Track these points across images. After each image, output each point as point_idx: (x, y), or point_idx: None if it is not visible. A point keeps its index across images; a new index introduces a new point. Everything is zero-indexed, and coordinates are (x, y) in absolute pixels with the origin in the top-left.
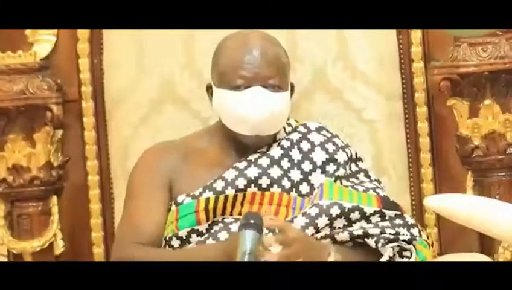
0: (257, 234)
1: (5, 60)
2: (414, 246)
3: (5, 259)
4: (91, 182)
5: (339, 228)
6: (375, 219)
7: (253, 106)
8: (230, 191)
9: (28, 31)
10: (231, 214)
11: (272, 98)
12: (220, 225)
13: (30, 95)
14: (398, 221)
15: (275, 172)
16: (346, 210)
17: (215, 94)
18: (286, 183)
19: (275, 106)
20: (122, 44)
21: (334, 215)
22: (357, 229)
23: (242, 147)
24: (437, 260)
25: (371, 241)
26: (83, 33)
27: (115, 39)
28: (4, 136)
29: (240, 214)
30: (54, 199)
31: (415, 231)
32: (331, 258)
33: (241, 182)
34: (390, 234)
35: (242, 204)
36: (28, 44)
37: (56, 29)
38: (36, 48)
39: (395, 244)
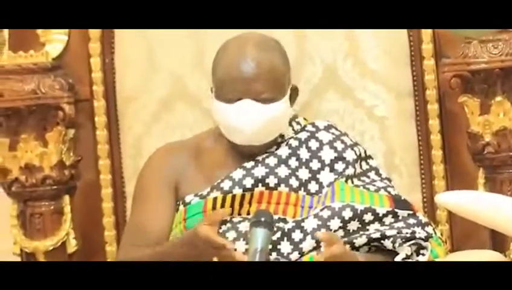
0: (268, 232)
1: (16, 60)
2: (430, 244)
3: (18, 258)
4: (103, 181)
5: (353, 231)
6: (389, 219)
7: (243, 119)
8: (237, 191)
9: (39, 31)
10: (239, 214)
11: (263, 110)
12: (228, 224)
13: (42, 95)
14: (411, 220)
15: (283, 171)
16: (359, 212)
17: (213, 103)
18: (294, 182)
19: (266, 118)
20: (133, 43)
21: (346, 218)
22: (374, 233)
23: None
24: (448, 257)
25: (387, 243)
26: (95, 32)
27: (126, 38)
28: (16, 135)
29: (248, 213)
30: (67, 198)
31: (429, 229)
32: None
33: (248, 182)
34: (407, 233)
35: (250, 203)
36: (40, 44)
37: (67, 29)
38: (48, 48)
39: (412, 242)
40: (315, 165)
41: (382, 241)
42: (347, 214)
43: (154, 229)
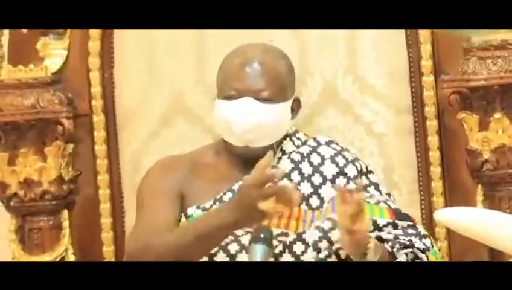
0: (267, 248)
1: (16, 74)
2: (427, 257)
3: None
4: (102, 196)
5: None
6: (388, 229)
7: (238, 116)
8: None
9: (39, 46)
10: None
11: (260, 109)
12: (230, 237)
13: (41, 109)
14: (411, 231)
15: None
16: None
17: (215, 104)
18: None
19: (262, 117)
20: (133, 58)
21: None
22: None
23: (251, 160)
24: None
25: (386, 246)
26: (94, 47)
27: (126, 53)
28: (15, 150)
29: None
30: (65, 213)
31: (427, 242)
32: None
33: None
34: (404, 240)
35: None
36: (39, 58)
37: (67, 44)
38: (47, 62)
39: (409, 250)
40: (317, 179)
41: (381, 243)
42: None
43: (162, 227)
